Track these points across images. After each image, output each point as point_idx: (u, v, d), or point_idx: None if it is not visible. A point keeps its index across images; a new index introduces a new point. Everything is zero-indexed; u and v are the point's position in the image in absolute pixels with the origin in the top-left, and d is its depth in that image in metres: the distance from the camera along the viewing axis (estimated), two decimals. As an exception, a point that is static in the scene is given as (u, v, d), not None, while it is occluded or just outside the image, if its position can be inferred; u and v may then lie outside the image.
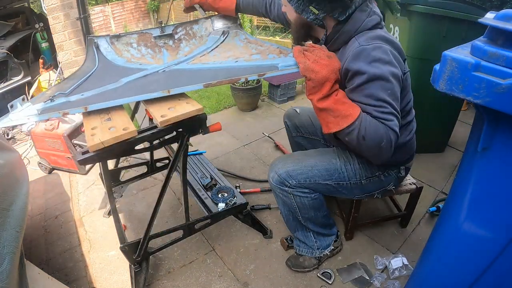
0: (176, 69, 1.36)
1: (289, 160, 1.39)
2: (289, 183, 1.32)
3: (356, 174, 1.33)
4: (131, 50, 1.58)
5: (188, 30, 1.68)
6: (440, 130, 2.28)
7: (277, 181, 1.35)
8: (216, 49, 1.54)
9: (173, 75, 1.31)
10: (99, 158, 1.06)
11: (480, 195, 0.85)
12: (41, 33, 3.84)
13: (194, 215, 1.86)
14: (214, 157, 2.47)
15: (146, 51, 1.58)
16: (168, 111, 1.10)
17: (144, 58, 1.54)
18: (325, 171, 1.33)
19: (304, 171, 1.32)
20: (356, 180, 1.34)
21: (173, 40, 1.65)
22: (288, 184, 1.33)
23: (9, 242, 1.07)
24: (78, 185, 2.27)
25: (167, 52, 1.59)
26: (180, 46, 1.63)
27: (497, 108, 0.67)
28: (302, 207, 1.39)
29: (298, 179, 1.32)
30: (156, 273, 1.57)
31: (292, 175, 1.32)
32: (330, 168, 1.33)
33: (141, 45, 1.60)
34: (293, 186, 1.33)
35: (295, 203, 1.37)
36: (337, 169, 1.33)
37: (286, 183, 1.33)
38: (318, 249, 1.53)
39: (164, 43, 1.63)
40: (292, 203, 1.38)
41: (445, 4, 1.82)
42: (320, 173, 1.32)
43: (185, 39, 1.66)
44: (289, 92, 3.39)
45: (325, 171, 1.33)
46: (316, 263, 1.54)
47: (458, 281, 0.97)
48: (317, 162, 1.35)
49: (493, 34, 0.72)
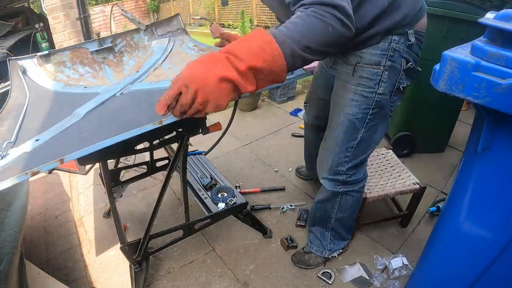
0: (139, 89, 1.21)
1: (322, 158, 1.35)
2: (341, 178, 1.30)
3: (364, 102, 1.15)
4: (66, 70, 1.38)
5: (129, 40, 1.53)
6: (440, 130, 2.27)
7: (330, 185, 1.34)
8: (167, 59, 1.44)
9: (140, 98, 1.14)
10: (99, 158, 1.06)
11: (480, 195, 0.85)
12: (41, 33, 3.84)
13: (194, 215, 1.86)
14: (214, 157, 2.47)
15: (84, 70, 1.40)
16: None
17: (85, 78, 1.36)
18: (344, 134, 1.21)
19: (338, 156, 1.26)
20: (369, 104, 1.14)
21: (114, 54, 1.48)
22: (341, 180, 1.31)
23: (8, 243, 1.07)
24: (78, 185, 2.27)
25: (110, 68, 1.43)
26: (123, 60, 1.48)
27: (497, 108, 0.67)
28: (342, 206, 1.40)
29: (344, 168, 1.28)
30: (156, 273, 1.57)
31: (335, 169, 1.29)
32: (347, 127, 1.20)
33: (77, 63, 1.41)
34: (345, 182, 1.31)
35: (338, 203, 1.39)
36: (351, 122, 1.19)
37: (337, 182, 1.32)
38: (330, 250, 1.54)
39: (104, 58, 1.45)
40: (335, 202, 1.39)
41: (445, 4, 1.82)
42: (347, 137, 1.21)
43: (127, 51, 1.50)
44: (289, 92, 3.39)
45: (345, 134, 1.21)
46: (321, 262, 1.55)
47: (458, 281, 0.97)
48: (336, 137, 1.24)
49: (493, 34, 0.72)
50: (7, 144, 0.91)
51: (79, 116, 1.04)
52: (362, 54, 1.10)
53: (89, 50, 1.44)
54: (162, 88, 1.18)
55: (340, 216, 1.43)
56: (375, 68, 1.10)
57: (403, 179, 1.66)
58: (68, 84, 1.31)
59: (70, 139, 0.93)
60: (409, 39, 1.07)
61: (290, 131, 2.80)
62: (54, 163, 0.78)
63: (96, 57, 1.45)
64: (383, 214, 1.86)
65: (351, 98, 1.16)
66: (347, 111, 1.19)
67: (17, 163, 0.84)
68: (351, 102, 1.17)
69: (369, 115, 1.17)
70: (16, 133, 0.97)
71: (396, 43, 1.07)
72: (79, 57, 1.42)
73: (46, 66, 1.37)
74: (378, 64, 1.09)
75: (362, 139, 1.21)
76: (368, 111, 1.16)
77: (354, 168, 1.29)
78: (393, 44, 1.07)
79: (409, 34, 1.07)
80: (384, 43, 1.07)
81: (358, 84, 1.14)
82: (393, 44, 1.07)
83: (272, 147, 2.60)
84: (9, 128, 1.02)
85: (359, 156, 1.26)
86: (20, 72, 1.32)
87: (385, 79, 1.11)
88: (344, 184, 1.33)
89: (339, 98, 1.22)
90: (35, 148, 0.90)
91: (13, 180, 0.74)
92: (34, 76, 1.33)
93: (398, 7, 1.02)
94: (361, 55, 1.10)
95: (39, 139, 0.93)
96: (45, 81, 1.32)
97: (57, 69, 1.37)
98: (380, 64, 1.09)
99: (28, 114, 1.10)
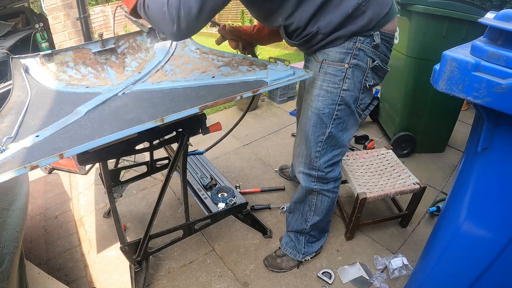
0: (141, 89, 1.22)
1: (296, 152, 1.38)
2: (315, 174, 1.33)
3: (329, 97, 1.20)
4: (68, 70, 1.38)
5: (131, 42, 1.55)
6: (440, 130, 2.28)
7: (305, 180, 1.36)
8: (170, 62, 1.45)
9: (142, 97, 1.15)
10: (99, 158, 1.06)
11: (480, 195, 0.85)
12: (41, 33, 3.85)
13: (194, 215, 1.86)
14: (214, 157, 2.47)
15: (87, 71, 1.40)
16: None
17: (87, 79, 1.37)
18: (313, 128, 1.26)
19: (309, 150, 1.29)
20: (334, 101, 1.19)
21: (116, 55, 1.49)
22: (316, 176, 1.33)
23: (9, 242, 1.07)
24: (78, 185, 2.27)
25: (112, 69, 1.43)
26: (126, 61, 1.48)
27: (497, 108, 0.67)
28: (318, 208, 1.41)
29: (317, 164, 1.30)
30: (156, 273, 1.57)
31: (309, 164, 1.32)
32: (315, 121, 1.24)
33: (79, 63, 1.41)
34: (320, 178, 1.33)
35: (314, 205, 1.40)
36: (318, 116, 1.23)
37: (312, 177, 1.34)
38: (304, 254, 1.55)
39: (106, 59, 1.46)
40: (311, 203, 1.41)
41: (445, 4, 1.82)
42: (316, 131, 1.26)
43: (129, 53, 1.52)
44: (289, 92, 3.40)
45: (314, 128, 1.26)
46: (294, 265, 1.56)
47: (458, 281, 0.97)
48: (306, 131, 1.28)
49: (493, 34, 0.72)
50: (7, 139, 0.91)
51: (81, 113, 1.04)
52: (328, 52, 1.15)
53: (92, 51, 1.44)
54: (164, 89, 1.18)
55: (317, 219, 1.45)
56: (340, 65, 1.15)
57: (403, 179, 1.66)
58: (70, 83, 1.31)
59: (71, 136, 0.92)
60: (374, 39, 1.12)
61: (290, 131, 2.80)
62: (53, 158, 0.78)
63: (98, 58, 1.45)
64: (383, 214, 1.86)
65: (317, 93, 1.21)
66: (313, 105, 1.23)
67: (17, 157, 0.83)
68: (317, 97, 1.21)
69: (336, 111, 1.21)
70: (16, 129, 0.97)
71: (361, 43, 1.12)
72: (82, 58, 1.43)
73: (48, 66, 1.37)
74: (342, 62, 1.14)
75: (331, 134, 1.25)
76: (334, 107, 1.20)
77: (328, 165, 1.32)
78: (358, 43, 1.12)
79: (374, 35, 1.11)
80: (349, 42, 1.12)
81: (324, 79, 1.19)
82: (358, 43, 1.12)
83: (272, 147, 2.60)
84: (10, 124, 1.02)
85: (330, 152, 1.29)
86: (22, 71, 1.32)
87: (349, 76, 1.16)
88: (318, 180, 1.35)
89: (307, 94, 1.27)
90: (35, 143, 0.89)
91: (11, 173, 0.73)
92: (36, 75, 1.33)
93: (362, 13, 1.06)
94: (328, 53, 1.16)
95: (39, 135, 0.93)
96: (47, 80, 1.32)
97: (59, 69, 1.38)
98: (344, 62, 1.14)
99: (29, 111, 1.10)
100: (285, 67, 1.25)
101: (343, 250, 1.65)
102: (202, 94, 1.09)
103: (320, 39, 1.12)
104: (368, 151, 1.90)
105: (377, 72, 1.19)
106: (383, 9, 1.08)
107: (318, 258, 1.60)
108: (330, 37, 1.11)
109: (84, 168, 2.22)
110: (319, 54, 1.18)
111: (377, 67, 1.16)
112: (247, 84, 1.14)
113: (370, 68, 1.16)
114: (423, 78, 2.04)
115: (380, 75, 1.21)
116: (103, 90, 1.22)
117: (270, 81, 1.11)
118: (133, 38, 1.56)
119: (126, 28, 9.66)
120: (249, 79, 1.17)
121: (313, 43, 1.15)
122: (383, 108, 2.64)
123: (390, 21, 1.12)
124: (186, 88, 1.16)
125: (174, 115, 0.92)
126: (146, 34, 1.57)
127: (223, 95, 1.05)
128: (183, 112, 0.94)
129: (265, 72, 1.20)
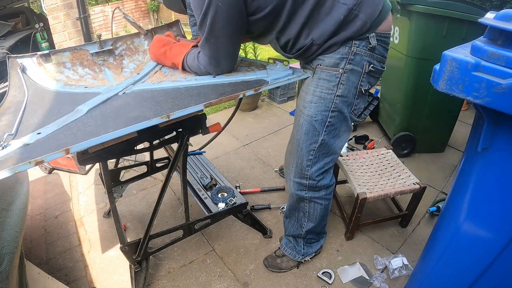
0: (142, 89, 1.22)
1: (287, 160, 1.38)
2: (306, 183, 1.31)
3: (323, 103, 1.17)
4: (65, 71, 1.37)
5: (129, 44, 1.54)
6: (440, 130, 2.28)
7: (296, 188, 1.35)
8: None
9: (144, 96, 1.16)
10: (99, 158, 1.06)
11: (480, 195, 0.85)
12: (41, 33, 3.84)
13: (194, 215, 1.86)
14: (214, 157, 2.47)
15: (84, 71, 1.40)
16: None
17: (84, 79, 1.36)
18: (305, 135, 1.23)
19: (301, 159, 1.27)
20: (327, 108, 1.16)
21: (114, 57, 1.48)
22: (307, 184, 1.31)
23: (9, 242, 1.07)
24: (78, 185, 2.27)
25: (110, 70, 1.43)
26: (123, 63, 1.48)
27: (497, 108, 0.67)
28: (311, 216, 1.41)
29: (308, 172, 1.29)
30: (156, 273, 1.57)
31: (300, 172, 1.30)
32: (307, 129, 1.22)
33: (76, 64, 1.40)
34: (311, 187, 1.32)
35: (308, 212, 1.40)
36: (310, 124, 1.20)
37: (302, 186, 1.32)
38: (303, 255, 1.55)
39: (104, 60, 1.46)
40: (305, 211, 1.40)
41: (445, 4, 1.82)
42: (308, 139, 1.23)
43: (127, 54, 1.51)
44: (289, 92, 3.40)
45: (306, 136, 1.23)
46: (294, 266, 1.56)
47: (458, 281, 0.97)
48: (298, 139, 1.26)
49: (493, 34, 0.72)
50: (8, 136, 0.90)
51: (82, 112, 1.03)
52: (323, 58, 1.13)
53: (89, 52, 1.43)
54: (165, 88, 1.18)
55: (311, 226, 1.45)
56: (334, 70, 1.12)
57: (403, 179, 1.66)
58: (67, 84, 1.31)
59: (74, 132, 0.91)
60: (370, 42, 1.09)
61: (290, 131, 2.76)
62: (59, 153, 0.78)
63: (96, 59, 1.44)
64: (383, 214, 1.86)
65: (310, 99, 1.18)
66: (306, 112, 1.20)
67: (19, 153, 0.83)
68: (310, 103, 1.18)
69: (329, 118, 1.18)
70: (16, 127, 0.97)
71: (357, 47, 1.09)
72: (79, 59, 1.42)
73: (45, 66, 1.37)
74: (336, 66, 1.11)
75: (323, 142, 1.22)
76: (327, 113, 1.17)
77: (320, 173, 1.30)
78: (354, 48, 1.09)
79: (370, 38, 1.08)
80: (345, 47, 1.09)
81: (317, 85, 1.16)
82: (354, 48, 1.09)
83: (272, 147, 2.60)
84: (9, 123, 1.00)
85: (322, 160, 1.27)
86: (19, 70, 1.31)
87: (344, 82, 1.13)
88: (310, 189, 1.33)
89: (300, 100, 1.25)
90: (37, 140, 0.89)
91: (15, 168, 0.73)
92: (33, 75, 1.32)
93: (355, 17, 1.04)
94: (323, 59, 1.13)
95: (41, 132, 0.92)
96: (44, 80, 1.31)
97: (57, 69, 1.37)
98: (339, 67, 1.11)
99: (27, 110, 1.09)
100: (284, 67, 1.26)
101: (343, 250, 1.65)
102: (204, 93, 1.10)
103: (316, 50, 1.11)
104: (368, 151, 1.90)
105: (373, 74, 1.16)
106: (376, 9, 1.05)
107: (318, 258, 1.60)
108: (325, 45, 1.09)
109: (84, 168, 2.22)
110: (314, 61, 1.16)
111: (373, 70, 1.14)
112: (247, 83, 1.15)
113: (365, 72, 1.13)
114: (423, 78, 2.04)
115: (376, 76, 1.19)
116: (102, 90, 1.22)
117: (271, 80, 1.12)
118: (131, 40, 1.56)
119: (126, 28, 9.66)
120: (249, 78, 1.18)
121: (309, 54, 1.14)
122: (383, 108, 2.64)
123: (385, 20, 1.09)
124: (187, 87, 1.16)
125: (180, 111, 0.95)
126: (143, 37, 1.57)
127: (225, 93, 1.07)
128: (189, 108, 0.96)
129: (264, 72, 1.21)
